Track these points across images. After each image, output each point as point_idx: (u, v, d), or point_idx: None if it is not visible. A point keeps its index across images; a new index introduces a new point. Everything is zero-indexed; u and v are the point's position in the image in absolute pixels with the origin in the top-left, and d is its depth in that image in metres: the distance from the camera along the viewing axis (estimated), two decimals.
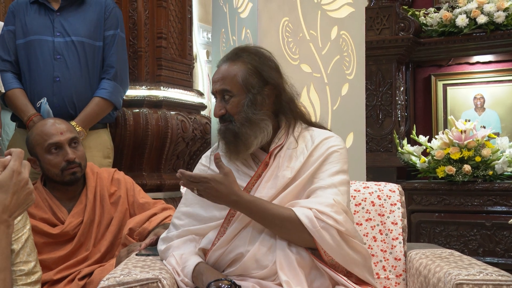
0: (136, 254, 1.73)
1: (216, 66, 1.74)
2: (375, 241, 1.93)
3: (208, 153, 1.80)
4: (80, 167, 2.13)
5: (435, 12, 4.16)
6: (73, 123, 2.47)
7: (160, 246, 1.72)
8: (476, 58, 4.17)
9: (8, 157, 1.20)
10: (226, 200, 1.56)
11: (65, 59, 2.56)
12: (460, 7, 3.98)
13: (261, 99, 1.66)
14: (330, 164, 1.63)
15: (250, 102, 1.64)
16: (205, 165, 1.76)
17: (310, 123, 1.77)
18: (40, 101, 2.48)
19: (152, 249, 1.81)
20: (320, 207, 1.52)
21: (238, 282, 1.49)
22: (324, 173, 1.61)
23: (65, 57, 2.56)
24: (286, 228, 1.54)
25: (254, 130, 1.63)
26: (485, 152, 3.56)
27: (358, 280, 1.60)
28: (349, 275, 1.58)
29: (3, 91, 2.50)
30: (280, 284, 1.53)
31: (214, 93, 1.69)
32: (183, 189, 2.03)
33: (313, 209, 1.52)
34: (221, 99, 1.67)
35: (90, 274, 2.01)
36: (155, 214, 2.11)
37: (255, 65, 1.67)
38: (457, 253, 1.80)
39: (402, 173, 4.02)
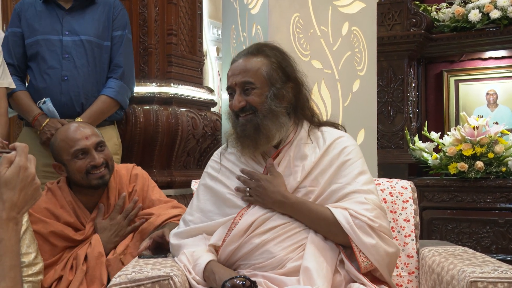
0: (139, 257, 1.72)
1: (232, 61, 1.72)
2: None
3: (220, 149, 1.80)
4: (107, 168, 2.09)
5: (447, 7, 4.13)
6: (78, 119, 2.48)
7: (173, 241, 1.72)
8: (488, 54, 4.13)
9: (14, 152, 1.19)
10: (272, 199, 1.60)
11: (73, 58, 2.56)
12: (473, 2, 3.94)
13: (283, 94, 1.66)
14: (350, 167, 1.64)
15: (273, 95, 1.64)
16: (217, 161, 1.76)
17: (320, 123, 1.76)
18: (40, 101, 2.50)
19: (153, 251, 1.81)
20: (354, 207, 1.56)
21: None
22: (346, 177, 1.63)
23: (73, 56, 2.57)
24: (325, 227, 1.58)
25: (275, 123, 1.63)
26: (498, 148, 3.53)
27: (373, 278, 1.59)
28: (366, 273, 1.57)
29: (13, 86, 2.51)
30: (286, 274, 1.53)
31: (232, 86, 1.67)
32: (193, 186, 2.02)
33: (349, 209, 1.56)
34: (241, 91, 1.65)
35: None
36: (159, 215, 2.07)
37: (278, 61, 1.68)
38: (470, 251, 1.79)
39: (414, 170, 3.99)
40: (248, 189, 1.63)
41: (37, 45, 2.59)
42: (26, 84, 2.71)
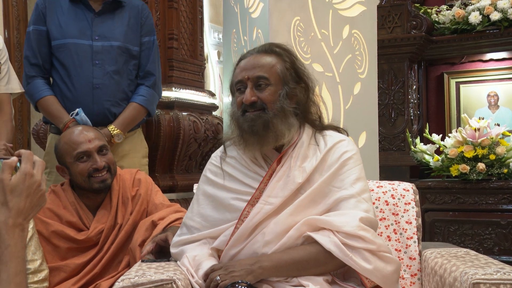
0: (142, 261, 1.72)
1: (241, 57, 1.69)
2: (389, 240, 1.91)
3: (218, 152, 1.77)
4: (109, 173, 2.10)
5: (447, 9, 4.13)
6: (111, 126, 2.45)
7: (173, 250, 1.72)
8: (489, 56, 4.14)
9: (14, 158, 1.21)
10: (249, 262, 1.52)
11: (103, 65, 2.48)
12: (473, 4, 3.95)
13: (295, 94, 1.65)
14: (348, 171, 1.62)
15: (286, 94, 1.62)
16: (217, 166, 1.73)
17: (323, 126, 1.75)
18: (73, 112, 2.41)
19: (155, 254, 1.81)
20: (346, 229, 1.50)
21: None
22: (343, 181, 1.60)
23: (104, 62, 2.49)
24: (322, 264, 1.52)
25: (285, 123, 1.61)
26: (500, 150, 3.53)
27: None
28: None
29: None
30: (293, 285, 1.52)
31: (244, 80, 1.63)
32: (195, 190, 2.02)
33: (340, 233, 1.51)
34: (253, 86, 1.62)
35: None
36: (163, 218, 2.07)
37: (291, 61, 1.67)
38: (473, 252, 1.79)
39: (415, 172, 3.99)
40: (218, 277, 1.49)
41: (65, 48, 2.48)
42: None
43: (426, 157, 3.83)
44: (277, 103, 1.61)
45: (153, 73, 2.62)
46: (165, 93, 2.99)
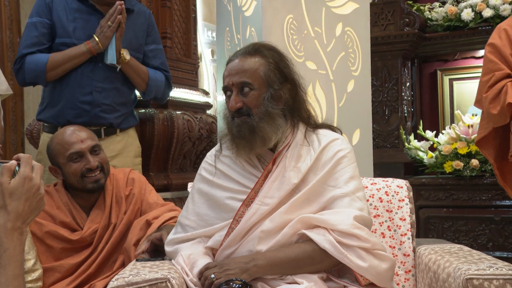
0: (136, 260, 1.72)
1: (228, 60, 1.70)
2: (383, 237, 1.92)
3: (213, 151, 1.78)
4: (103, 172, 2.10)
5: (440, 6, 4.14)
6: (123, 50, 2.44)
7: (168, 248, 1.72)
8: (482, 52, 4.14)
9: (13, 161, 1.21)
10: (244, 260, 1.52)
11: (106, 68, 2.47)
12: (465, 1, 3.96)
13: (280, 95, 1.65)
14: (341, 170, 1.62)
15: (271, 96, 1.62)
16: (211, 164, 1.74)
17: (316, 124, 1.75)
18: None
19: (150, 253, 1.81)
20: (341, 227, 1.51)
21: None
22: (337, 180, 1.61)
23: (107, 65, 2.46)
24: (317, 262, 1.53)
25: (272, 125, 1.61)
26: None
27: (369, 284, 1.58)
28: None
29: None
30: (288, 282, 1.53)
31: (229, 86, 1.64)
32: (190, 189, 2.02)
33: (334, 232, 1.51)
34: (238, 92, 1.63)
35: None
36: (157, 217, 2.07)
37: (276, 61, 1.66)
38: (466, 248, 1.79)
39: (410, 169, 4.00)
40: (212, 275, 1.50)
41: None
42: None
43: (420, 154, 3.85)
44: (262, 107, 1.61)
45: (170, 81, 2.69)
46: None
